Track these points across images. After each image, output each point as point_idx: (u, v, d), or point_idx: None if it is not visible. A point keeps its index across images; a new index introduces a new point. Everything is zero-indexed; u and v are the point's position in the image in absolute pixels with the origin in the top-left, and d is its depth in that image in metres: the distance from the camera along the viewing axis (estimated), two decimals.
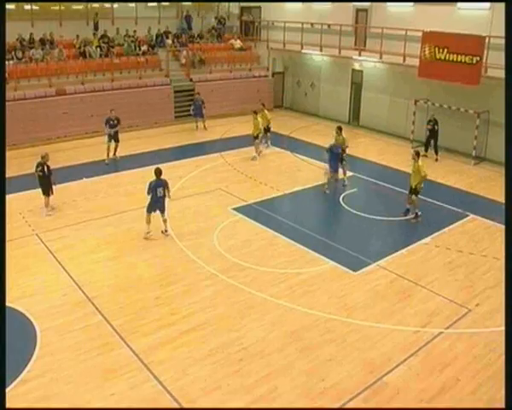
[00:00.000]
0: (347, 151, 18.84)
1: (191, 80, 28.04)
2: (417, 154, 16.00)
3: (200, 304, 11.34)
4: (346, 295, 11.85)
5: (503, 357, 9.76)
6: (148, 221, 14.32)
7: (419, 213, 16.06)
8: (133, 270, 12.77)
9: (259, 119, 21.57)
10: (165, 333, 10.34)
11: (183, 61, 28.53)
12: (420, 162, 15.82)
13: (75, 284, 12.00)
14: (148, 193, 14.21)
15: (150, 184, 14.23)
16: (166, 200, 14.53)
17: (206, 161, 20.85)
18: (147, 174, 19.11)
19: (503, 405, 8.72)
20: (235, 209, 16.39)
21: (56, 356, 9.60)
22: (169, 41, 29.11)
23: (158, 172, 14.33)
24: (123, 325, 10.54)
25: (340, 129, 18.90)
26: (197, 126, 26.09)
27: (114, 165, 20.28)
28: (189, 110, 26.31)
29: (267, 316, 11.00)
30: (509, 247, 4.51)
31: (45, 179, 15.55)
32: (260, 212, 16.33)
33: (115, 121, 20.53)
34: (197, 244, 14.04)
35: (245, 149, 22.07)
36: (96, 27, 27.10)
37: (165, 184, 14.32)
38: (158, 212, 14.40)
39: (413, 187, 15.89)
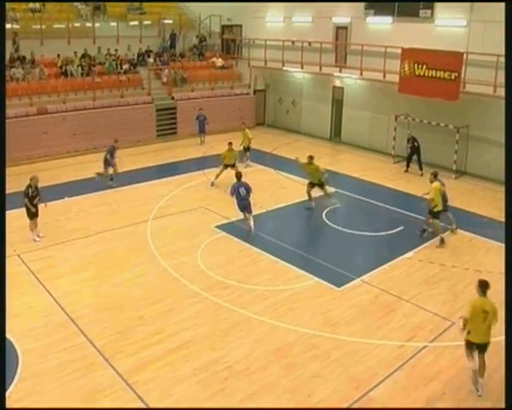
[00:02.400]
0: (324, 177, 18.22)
1: (173, 98, 28.10)
2: (435, 175, 15.88)
3: (184, 323, 11.28)
4: (330, 311, 11.85)
5: (488, 370, 9.91)
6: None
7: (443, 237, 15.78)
8: (116, 290, 12.67)
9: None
10: (149, 353, 10.25)
11: (165, 79, 28.58)
12: (434, 184, 15.62)
13: (57, 305, 11.88)
14: (232, 194, 16.02)
15: (233, 186, 16.17)
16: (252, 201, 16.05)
17: (188, 179, 20.84)
18: (129, 193, 19.21)
19: None
20: (217, 227, 16.37)
21: (39, 378, 9.47)
22: (151, 60, 29.19)
23: (239, 176, 16.53)
24: (106, 346, 10.44)
25: (311, 158, 18.05)
26: (201, 141, 26.48)
27: (97, 184, 20.12)
28: (172, 128, 26.35)
29: (251, 334, 10.96)
30: (510, 246, 4.59)
31: (30, 202, 15.17)
32: (243, 229, 16.32)
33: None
34: (180, 263, 13.98)
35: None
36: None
37: (247, 186, 16.11)
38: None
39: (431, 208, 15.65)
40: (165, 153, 25.09)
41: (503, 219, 16.52)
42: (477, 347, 9.42)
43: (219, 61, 31.46)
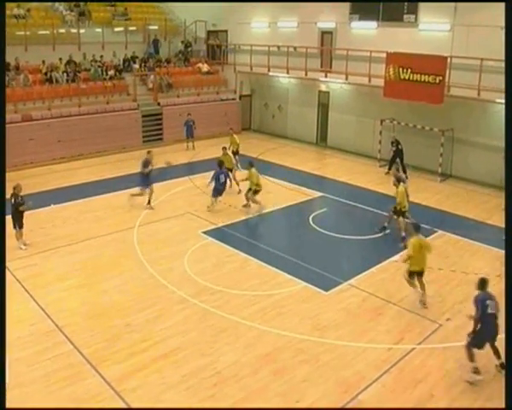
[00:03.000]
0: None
1: (159, 104, 28.03)
2: (398, 180, 16.39)
3: (172, 329, 11.22)
4: (319, 315, 11.86)
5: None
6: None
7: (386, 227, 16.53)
8: (103, 297, 12.59)
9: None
10: (137, 360, 10.18)
11: (151, 85, 28.52)
12: (400, 188, 16.05)
13: (44, 313, 11.77)
14: (211, 181, 17.56)
15: (215, 173, 17.81)
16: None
17: (174, 185, 20.77)
18: (116, 199, 19.10)
19: None
20: (205, 233, 16.33)
21: (26, 388, 9.37)
22: (136, 66, 29.12)
23: (220, 164, 18.19)
24: (94, 354, 10.36)
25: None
26: (187, 147, 26.49)
27: (81, 191, 20.00)
28: (158, 134, 26.28)
29: (240, 339, 10.94)
30: (510, 248, 4.63)
31: (16, 211, 15.02)
32: (230, 235, 16.31)
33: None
34: (168, 269, 13.93)
35: (213, 172, 22.03)
36: None
37: (226, 173, 17.97)
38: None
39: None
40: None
41: (490, 222, 16.72)
42: (417, 274, 12.33)
43: (205, 67, 31.47)
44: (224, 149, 20.58)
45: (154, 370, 9.91)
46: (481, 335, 9.56)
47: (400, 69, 22.29)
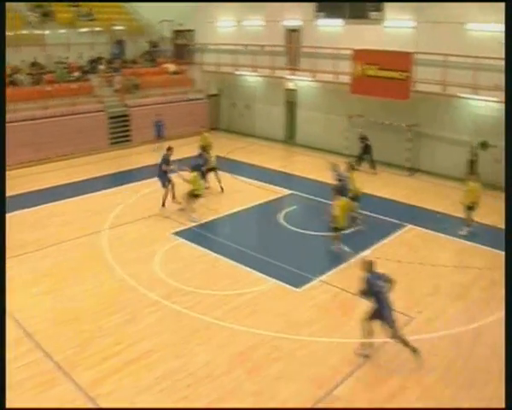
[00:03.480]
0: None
1: (126, 106, 27.78)
2: (351, 167, 16.75)
3: (145, 332, 11.14)
4: (291, 312, 11.90)
5: (446, 361, 10.15)
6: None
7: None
8: (74, 302, 12.42)
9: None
10: (110, 364, 10.07)
11: (118, 86, 28.23)
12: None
13: (13, 320, 11.56)
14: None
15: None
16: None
17: (143, 187, 20.58)
18: (84, 203, 18.88)
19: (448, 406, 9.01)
20: (175, 234, 16.24)
21: None
22: (102, 67, 28.80)
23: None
24: (66, 359, 10.21)
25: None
26: (156, 147, 25.78)
27: (49, 195, 19.70)
28: (125, 135, 26.03)
29: (213, 339, 10.91)
30: (509, 245, 4.71)
31: None
32: (201, 235, 16.25)
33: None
34: (138, 271, 13.80)
35: (182, 172, 21.97)
36: None
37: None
38: None
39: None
40: (120, 161, 24.79)
41: (457, 215, 16.94)
42: (340, 230, 14.77)
43: (172, 67, 31.29)
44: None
45: (127, 373, 9.82)
46: (375, 311, 10.11)
47: (367, 66, 22.52)
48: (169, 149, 18.72)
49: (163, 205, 18.00)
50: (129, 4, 34.20)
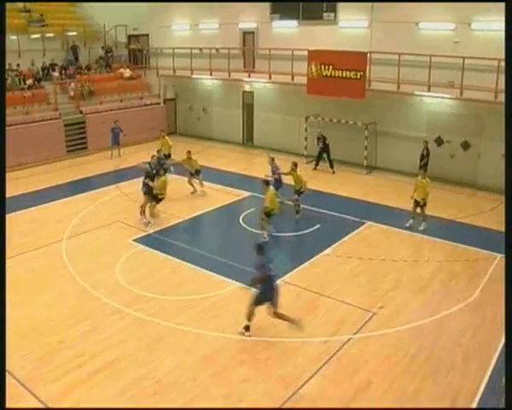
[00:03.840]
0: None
1: (81, 113, 27.37)
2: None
3: (108, 341, 10.96)
4: (255, 314, 11.88)
5: (410, 354, 10.32)
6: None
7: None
8: (34, 314, 12.14)
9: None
10: (73, 376, 9.86)
11: (72, 93, 27.79)
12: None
13: None
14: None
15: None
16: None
17: (102, 194, 20.31)
18: (41, 213, 18.50)
19: (414, 400, 9.17)
20: (135, 240, 16.04)
21: None
22: (56, 73, 28.31)
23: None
24: (27, 375, 9.94)
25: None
26: (112, 154, 25.75)
27: (12, 204, 19.22)
28: (82, 143, 25.63)
29: (178, 345, 10.83)
30: (509, 242, 4.77)
31: None
32: (161, 241, 16.12)
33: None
34: (99, 280, 13.58)
35: (140, 178, 21.72)
36: None
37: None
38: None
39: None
40: (77, 169, 24.37)
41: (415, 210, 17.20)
42: (274, 214, 15.95)
43: (127, 72, 30.97)
44: (189, 152, 20.33)
45: (92, 385, 9.64)
46: (263, 294, 10.73)
47: (322, 66, 22.73)
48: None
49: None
50: (82, 9, 33.70)
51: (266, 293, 10.67)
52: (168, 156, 22.56)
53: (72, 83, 27.94)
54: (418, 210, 16.75)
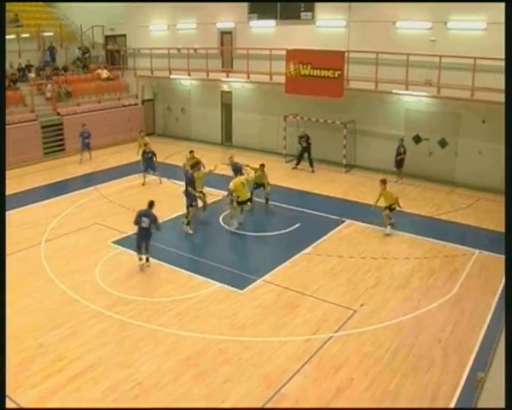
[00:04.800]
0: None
1: (59, 114, 27.08)
2: (262, 165, 18.11)
3: (88, 345, 10.86)
4: (236, 314, 11.89)
5: (391, 351, 10.39)
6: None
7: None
8: (13, 319, 11.91)
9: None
10: (53, 381, 9.75)
11: (49, 94, 27.49)
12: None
13: None
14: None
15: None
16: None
17: (80, 196, 20.12)
18: (19, 216, 18.27)
19: (395, 396, 9.23)
20: (115, 242, 15.93)
21: None
22: (32, 75, 27.98)
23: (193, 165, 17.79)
24: (7, 381, 9.80)
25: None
26: (81, 159, 25.04)
27: None
28: (59, 145, 25.29)
29: (159, 347, 10.77)
30: (509, 240, 4.81)
31: None
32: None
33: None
34: (79, 283, 13.46)
35: (119, 180, 21.69)
36: None
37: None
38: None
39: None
40: (55, 171, 24.11)
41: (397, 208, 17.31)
42: (244, 202, 16.64)
43: (105, 73, 30.72)
44: (192, 152, 20.18)
45: (72, 389, 9.53)
46: (138, 241, 14.12)
47: (300, 65, 22.79)
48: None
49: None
50: (58, 9, 33.39)
51: (140, 239, 14.05)
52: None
53: (48, 84, 27.64)
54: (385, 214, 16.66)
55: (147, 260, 14.28)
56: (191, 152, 20.36)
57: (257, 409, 8.99)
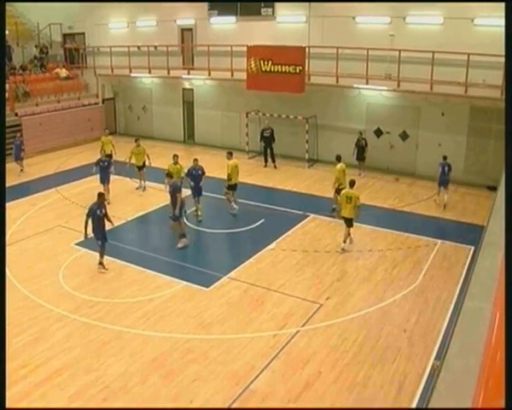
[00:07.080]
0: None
1: (17, 115, 26.51)
2: (230, 153, 17.90)
3: (53, 350, 10.67)
4: (202, 313, 11.85)
5: (358, 342, 10.50)
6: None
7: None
8: None
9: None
10: (17, 389, 9.48)
11: (6, 95, 26.87)
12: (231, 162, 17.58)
13: None
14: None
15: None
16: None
17: (41, 199, 19.73)
18: None
19: (363, 387, 9.34)
20: (78, 244, 15.65)
21: None
22: None
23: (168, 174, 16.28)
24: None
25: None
26: (22, 170, 23.21)
27: None
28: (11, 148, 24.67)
29: (125, 348, 10.65)
30: (509, 246, 4.84)
31: None
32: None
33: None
34: (42, 287, 13.20)
35: (81, 181, 21.34)
36: None
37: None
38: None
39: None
40: (14, 173, 23.58)
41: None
42: (233, 187, 17.11)
43: (63, 72, 30.18)
44: (176, 156, 19.03)
45: (38, 396, 9.33)
46: (94, 231, 13.95)
47: (261, 61, 22.81)
48: (195, 160, 18.35)
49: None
50: (13, 7, 32.56)
51: (96, 231, 13.93)
52: (110, 156, 22.10)
53: (5, 84, 27.03)
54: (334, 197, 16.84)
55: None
56: (137, 140, 20.51)
57: (224, 409, 8.98)
